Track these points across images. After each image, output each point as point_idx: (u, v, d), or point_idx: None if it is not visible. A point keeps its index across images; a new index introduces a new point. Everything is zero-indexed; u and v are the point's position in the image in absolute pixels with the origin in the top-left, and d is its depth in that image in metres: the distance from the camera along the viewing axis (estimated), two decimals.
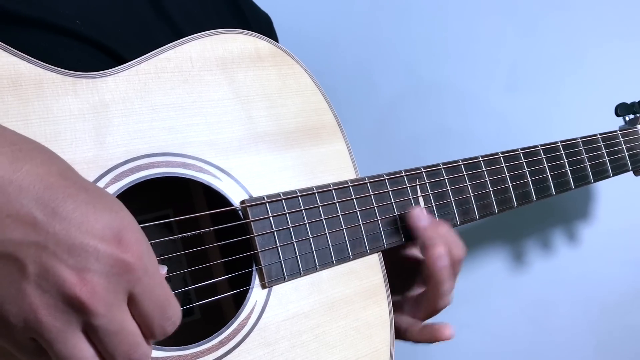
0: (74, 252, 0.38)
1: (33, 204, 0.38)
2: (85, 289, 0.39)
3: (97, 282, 0.39)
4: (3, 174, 0.38)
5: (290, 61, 0.68)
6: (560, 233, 1.20)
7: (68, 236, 0.38)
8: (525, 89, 1.18)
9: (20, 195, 0.38)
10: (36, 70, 0.52)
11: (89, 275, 0.39)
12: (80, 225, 0.39)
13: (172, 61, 0.60)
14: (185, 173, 0.58)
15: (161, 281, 0.43)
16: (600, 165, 0.91)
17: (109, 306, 0.40)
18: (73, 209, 0.39)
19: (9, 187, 0.38)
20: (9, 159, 0.39)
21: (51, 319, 0.38)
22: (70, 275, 0.38)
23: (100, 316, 0.39)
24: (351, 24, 1.21)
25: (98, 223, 0.40)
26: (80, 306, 0.39)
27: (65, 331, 0.39)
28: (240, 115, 0.62)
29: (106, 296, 0.39)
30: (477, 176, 0.77)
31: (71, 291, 0.38)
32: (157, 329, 0.43)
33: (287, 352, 0.59)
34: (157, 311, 0.43)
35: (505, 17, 1.18)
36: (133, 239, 0.41)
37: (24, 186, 0.38)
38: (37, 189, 0.38)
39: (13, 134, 0.42)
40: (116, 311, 0.40)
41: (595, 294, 1.18)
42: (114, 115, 0.55)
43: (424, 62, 1.21)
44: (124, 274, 0.40)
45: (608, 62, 1.15)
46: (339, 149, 0.69)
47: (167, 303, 0.43)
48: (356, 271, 0.66)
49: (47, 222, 0.38)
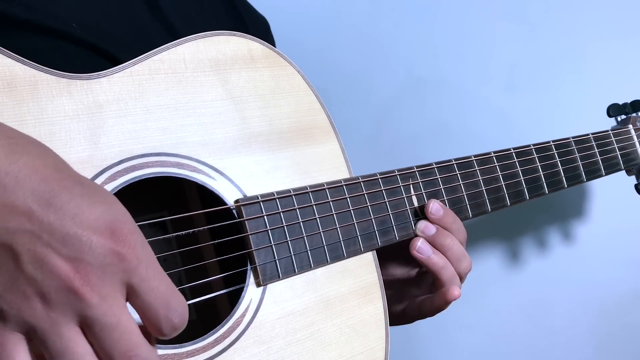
0: (68, 242, 0.39)
1: (29, 195, 0.38)
2: (79, 276, 0.38)
3: (90, 272, 0.39)
4: (0, 165, 0.38)
5: (283, 62, 0.68)
6: (556, 232, 1.20)
7: (62, 226, 0.39)
8: (522, 89, 1.19)
9: (17, 186, 0.38)
10: (31, 71, 0.53)
11: (83, 264, 0.39)
12: (74, 217, 0.39)
13: (165, 62, 0.60)
14: (180, 173, 0.58)
15: (159, 271, 0.43)
16: (592, 165, 0.92)
17: (103, 296, 0.39)
18: (68, 201, 0.39)
19: (5, 178, 0.38)
20: (5, 152, 0.39)
21: (46, 309, 0.38)
22: (63, 264, 0.38)
23: (94, 306, 0.39)
24: (348, 22, 1.22)
25: (92, 215, 0.40)
26: (74, 295, 0.38)
27: (60, 322, 0.39)
28: (233, 115, 0.63)
29: (100, 285, 0.39)
30: (470, 175, 0.77)
31: (65, 280, 0.38)
32: (163, 321, 0.42)
33: (282, 350, 0.60)
34: (159, 302, 0.42)
35: (505, 17, 1.19)
36: (126, 230, 0.41)
37: (20, 178, 0.39)
38: (33, 180, 0.39)
39: (9, 129, 0.42)
40: (111, 302, 0.40)
41: (595, 293, 1.19)
42: (108, 116, 0.56)
43: (420, 61, 1.21)
44: (118, 264, 0.40)
45: (603, 62, 1.16)
46: (332, 148, 0.69)
47: (169, 293, 0.42)
48: (351, 269, 0.66)
49: (42, 212, 0.38)
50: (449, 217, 0.72)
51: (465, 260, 0.73)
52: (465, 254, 0.74)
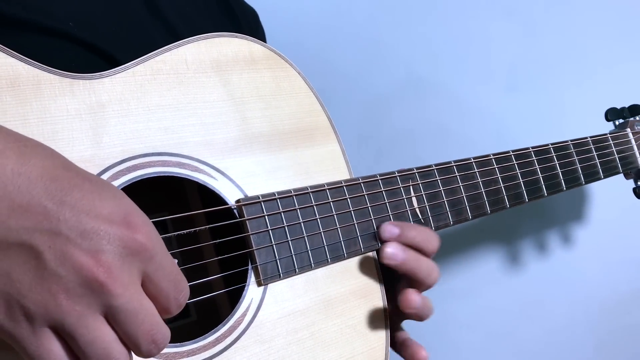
0: (87, 236, 0.39)
1: (42, 194, 0.39)
2: (102, 269, 0.39)
3: (112, 263, 0.40)
4: (12, 166, 0.39)
5: (284, 64, 0.69)
6: (555, 233, 1.20)
7: (79, 222, 0.39)
8: (521, 92, 1.19)
9: (30, 186, 0.39)
10: (34, 71, 0.53)
11: (104, 256, 0.40)
12: (89, 212, 0.40)
13: (167, 63, 0.61)
14: (181, 172, 0.59)
15: (170, 259, 0.45)
16: (591, 168, 0.92)
17: (125, 285, 0.40)
18: (80, 197, 0.40)
19: (18, 179, 0.39)
20: (16, 154, 0.40)
21: (71, 303, 0.39)
22: (85, 258, 0.39)
23: (118, 296, 0.40)
24: (347, 22, 1.23)
25: (104, 209, 0.41)
26: (99, 287, 0.39)
27: (87, 315, 0.40)
28: (235, 116, 0.63)
29: (122, 276, 0.40)
30: (470, 177, 0.78)
31: (89, 273, 0.39)
32: (172, 302, 0.44)
33: (283, 349, 0.60)
34: (171, 286, 0.44)
35: (505, 18, 1.19)
36: (140, 221, 0.42)
37: (32, 178, 0.39)
38: (45, 180, 0.40)
39: (15, 133, 0.43)
40: (133, 290, 0.41)
41: (594, 294, 1.19)
42: (111, 116, 0.56)
43: (420, 62, 1.22)
44: (137, 254, 0.41)
45: (601, 67, 1.17)
46: (332, 149, 0.70)
47: (179, 277, 0.45)
48: (351, 270, 0.67)
49: (57, 210, 0.39)
50: (410, 232, 0.67)
51: (434, 272, 0.67)
52: (434, 267, 0.68)
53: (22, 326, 0.39)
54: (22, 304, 0.39)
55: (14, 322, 0.39)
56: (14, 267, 0.38)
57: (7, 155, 0.39)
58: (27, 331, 0.39)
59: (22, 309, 0.39)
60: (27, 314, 0.39)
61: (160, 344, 0.43)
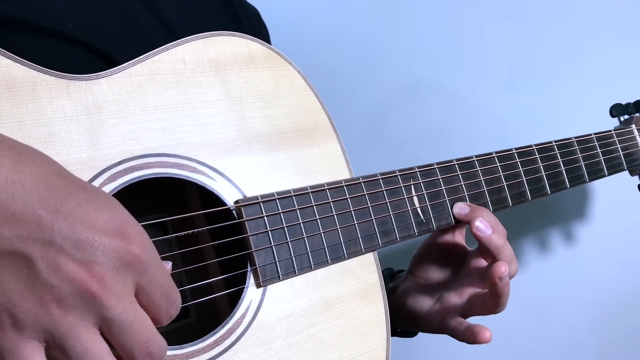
0: (81, 247, 0.39)
1: (36, 202, 0.39)
2: (95, 280, 0.39)
3: (105, 274, 0.40)
4: (7, 174, 0.39)
5: (283, 63, 0.68)
6: (558, 232, 1.20)
7: (73, 232, 0.39)
8: (524, 89, 1.19)
9: (24, 194, 0.39)
10: (30, 72, 0.53)
11: (97, 267, 0.39)
12: (83, 222, 0.40)
13: (165, 63, 0.60)
14: (179, 173, 0.58)
15: (164, 270, 0.44)
16: (595, 165, 0.91)
17: (119, 297, 0.40)
18: (75, 207, 0.40)
19: (12, 187, 0.38)
20: (10, 161, 0.39)
21: (63, 313, 0.39)
22: (79, 269, 0.39)
23: (112, 307, 0.40)
24: (347, 22, 1.22)
25: (99, 219, 0.40)
26: (91, 299, 0.39)
27: (79, 326, 0.39)
28: (233, 116, 0.63)
29: (116, 287, 0.40)
30: (472, 176, 0.77)
31: (82, 284, 0.39)
32: (164, 314, 0.44)
33: (283, 351, 0.59)
34: (164, 299, 0.44)
35: (505, 17, 1.18)
36: (135, 232, 0.42)
37: (27, 186, 0.39)
38: (40, 188, 0.39)
39: (10, 140, 0.43)
40: (126, 300, 0.41)
41: (595, 294, 1.18)
42: (108, 117, 0.56)
43: (420, 61, 1.21)
44: (131, 266, 0.41)
45: (606, 62, 1.16)
46: (332, 149, 0.69)
47: (172, 289, 0.45)
48: (351, 270, 0.66)
49: (52, 219, 0.39)
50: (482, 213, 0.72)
51: (514, 263, 0.73)
52: (515, 258, 0.74)
53: (7, 336, 0.38)
54: (12, 312, 0.38)
55: (0, 331, 0.38)
56: (5, 275, 0.38)
57: (2, 163, 0.39)
58: (10, 341, 0.38)
59: (12, 318, 0.38)
60: (15, 323, 0.38)
61: (156, 356, 0.43)
